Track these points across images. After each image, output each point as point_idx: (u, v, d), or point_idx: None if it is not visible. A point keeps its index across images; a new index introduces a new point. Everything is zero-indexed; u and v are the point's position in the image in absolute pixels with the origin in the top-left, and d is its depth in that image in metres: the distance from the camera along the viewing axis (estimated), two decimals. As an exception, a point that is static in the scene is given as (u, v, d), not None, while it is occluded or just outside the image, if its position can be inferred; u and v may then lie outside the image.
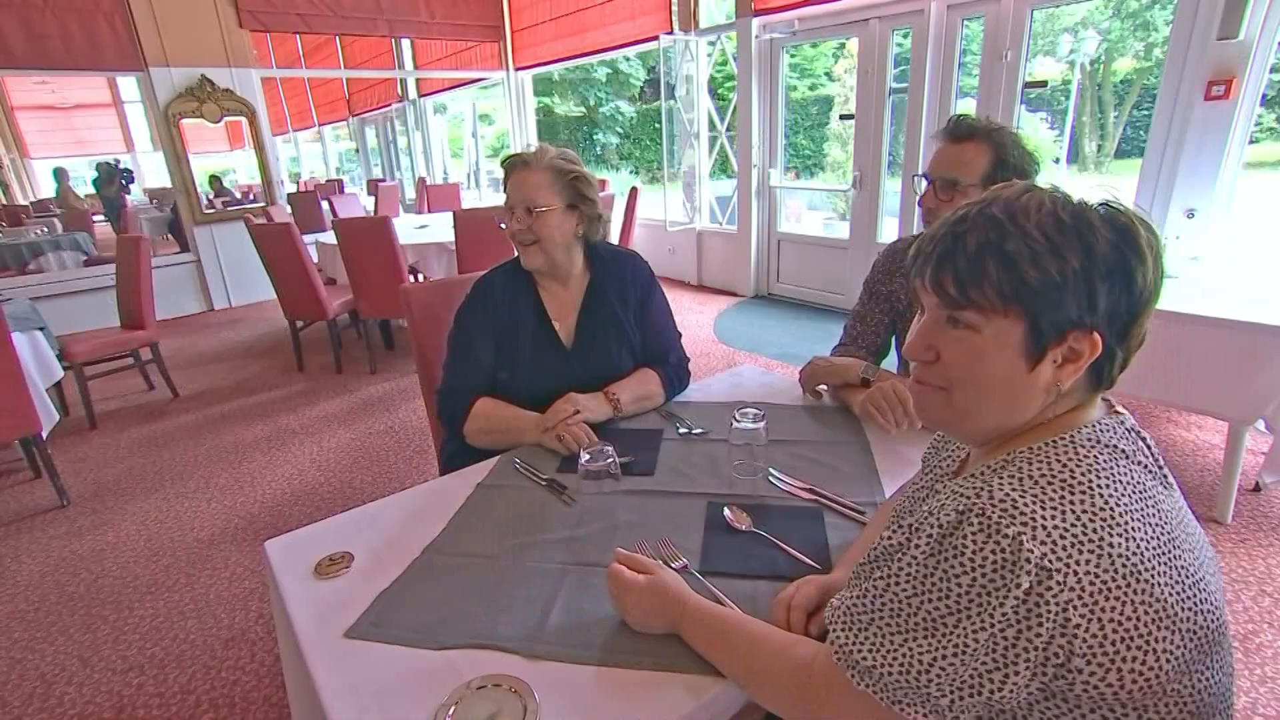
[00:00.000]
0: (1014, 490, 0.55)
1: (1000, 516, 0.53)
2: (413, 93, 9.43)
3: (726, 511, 1.05)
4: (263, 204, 6.18)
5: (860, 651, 0.60)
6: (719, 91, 6.65)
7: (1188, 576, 0.55)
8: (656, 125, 6.17)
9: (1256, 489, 2.34)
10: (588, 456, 1.10)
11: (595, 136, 16.46)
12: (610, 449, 1.11)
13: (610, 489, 1.13)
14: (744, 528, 1.02)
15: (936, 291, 0.62)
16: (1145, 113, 10.91)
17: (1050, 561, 0.51)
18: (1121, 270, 0.57)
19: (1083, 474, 0.56)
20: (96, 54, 5.22)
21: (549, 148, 1.43)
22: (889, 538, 0.62)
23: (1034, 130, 9.45)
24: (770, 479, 1.16)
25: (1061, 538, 0.52)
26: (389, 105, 10.40)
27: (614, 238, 5.18)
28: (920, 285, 0.64)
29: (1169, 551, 0.55)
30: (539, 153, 1.41)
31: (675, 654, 0.80)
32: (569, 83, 15.66)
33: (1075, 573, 0.51)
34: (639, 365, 1.53)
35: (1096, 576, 0.52)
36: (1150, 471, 0.60)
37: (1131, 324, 0.59)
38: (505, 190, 1.43)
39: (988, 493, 0.55)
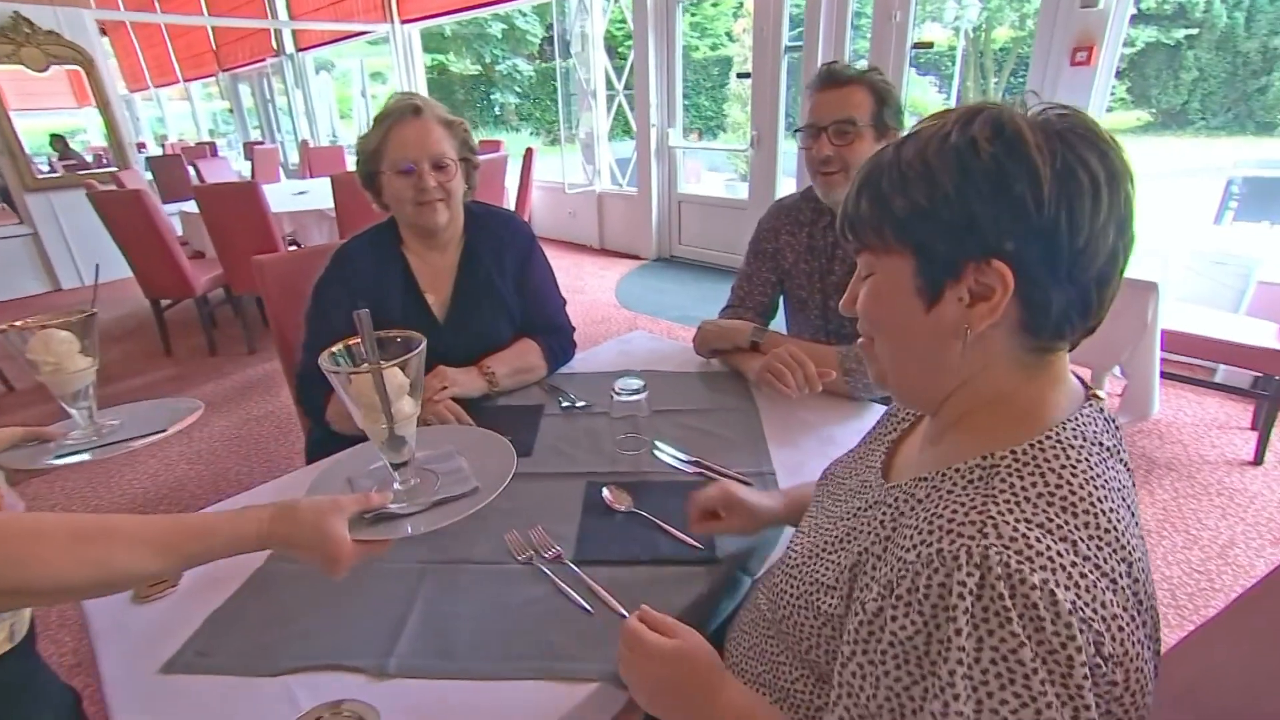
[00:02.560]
0: (1019, 521, 0.46)
1: (1020, 564, 0.44)
2: (290, 46, 8.61)
3: (605, 492, 0.99)
4: (114, 169, 5.51)
5: None
6: (618, 50, 6.45)
7: (1144, 574, 0.51)
8: (556, 84, 5.92)
9: (1113, 429, 2.55)
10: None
11: (493, 96, 15.77)
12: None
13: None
14: (623, 509, 0.96)
15: (845, 239, 0.60)
16: (1021, 80, 11.56)
17: (1081, 608, 0.44)
18: (1002, 187, 0.47)
19: (1080, 485, 0.48)
20: None
21: (427, 97, 1.32)
22: (877, 606, 0.50)
23: (924, 93, 9.80)
24: (655, 453, 1.11)
25: (1083, 578, 0.45)
26: (263, 60, 9.46)
27: (510, 202, 4.96)
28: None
29: (1144, 560, 0.51)
30: (427, 103, 1.29)
31: (545, 658, 0.73)
32: (463, 39, 14.86)
33: (1102, 617, 0.45)
34: (519, 336, 1.43)
35: (1116, 616, 0.46)
36: (1124, 464, 0.55)
37: (1056, 255, 0.48)
38: (388, 141, 1.27)
39: (994, 529, 0.45)
